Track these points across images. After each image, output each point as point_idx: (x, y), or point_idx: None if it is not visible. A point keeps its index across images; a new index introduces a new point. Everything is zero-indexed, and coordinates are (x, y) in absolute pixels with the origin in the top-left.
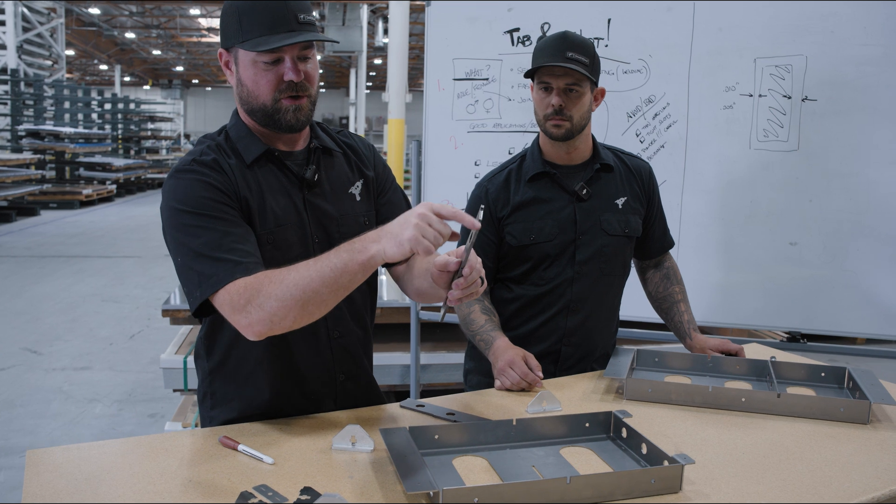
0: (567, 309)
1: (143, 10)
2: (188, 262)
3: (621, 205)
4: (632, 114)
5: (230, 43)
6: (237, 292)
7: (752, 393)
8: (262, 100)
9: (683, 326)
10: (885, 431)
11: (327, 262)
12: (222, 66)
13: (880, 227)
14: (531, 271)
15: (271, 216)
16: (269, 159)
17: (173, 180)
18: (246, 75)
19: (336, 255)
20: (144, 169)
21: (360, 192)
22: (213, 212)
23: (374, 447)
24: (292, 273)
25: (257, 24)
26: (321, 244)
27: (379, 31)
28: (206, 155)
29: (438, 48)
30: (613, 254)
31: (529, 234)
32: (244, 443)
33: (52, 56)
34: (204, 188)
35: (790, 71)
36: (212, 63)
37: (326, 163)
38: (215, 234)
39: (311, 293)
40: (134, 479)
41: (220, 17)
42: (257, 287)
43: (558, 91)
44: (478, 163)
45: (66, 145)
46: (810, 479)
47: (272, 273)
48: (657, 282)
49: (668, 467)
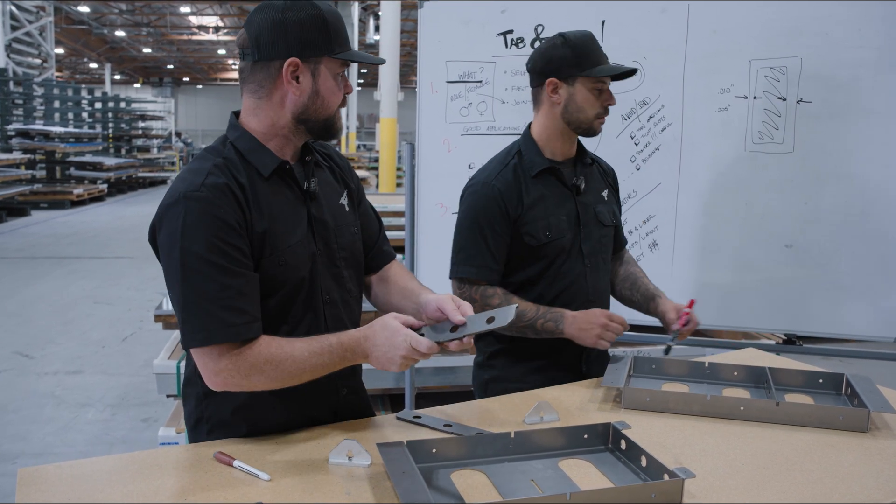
0: (588, 302)
1: (133, 7)
2: (182, 306)
3: (606, 196)
4: (626, 116)
5: (314, 53)
6: (229, 360)
7: (751, 402)
8: (332, 109)
9: (650, 290)
10: (885, 440)
11: (320, 358)
12: (285, 75)
13: (876, 229)
14: (546, 269)
15: (283, 237)
16: (279, 173)
17: (181, 207)
18: (326, 86)
19: (330, 354)
20: (136, 168)
21: (347, 202)
22: (218, 257)
23: (371, 462)
24: (288, 361)
25: (343, 37)
26: (322, 256)
27: (370, 28)
28: (215, 176)
29: (431, 50)
30: (607, 244)
31: (546, 231)
32: (239, 458)
33: (42, 55)
34: (212, 225)
35: (785, 73)
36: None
37: (319, 175)
38: (215, 286)
39: (296, 379)
40: (128, 497)
41: (278, 24)
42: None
43: (608, 91)
44: (472, 166)
45: (56, 145)
46: (811, 491)
47: (269, 350)
48: (618, 269)
49: (669, 482)
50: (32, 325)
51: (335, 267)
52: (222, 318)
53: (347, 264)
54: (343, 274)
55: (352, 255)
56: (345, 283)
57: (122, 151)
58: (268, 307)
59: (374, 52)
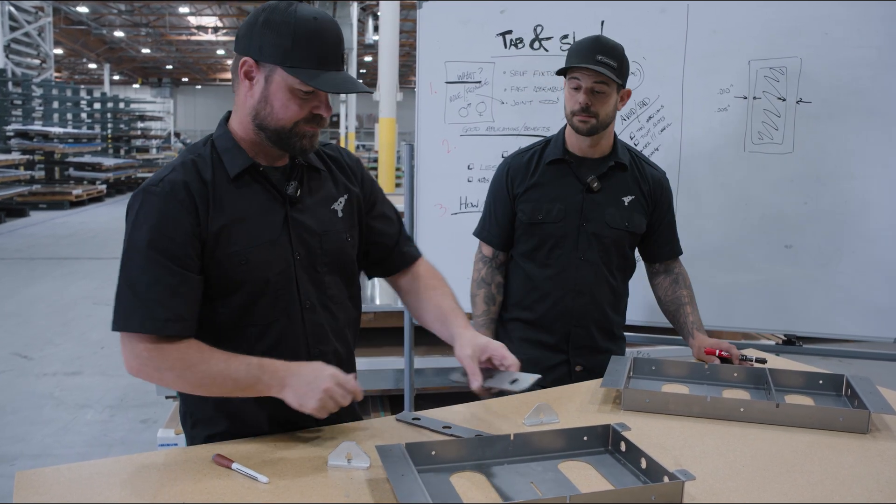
0: (574, 292)
1: (132, 8)
2: (121, 285)
3: (628, 202)
4: (626, 116)
5: (268, 59)
6: (146, 349)
7: (751, 403)
8: (282, 123)
9: (687, 326)
10: (885, 441)
11: (236, 373)
12: (240, 73)
13: (875, 229)
14: (537, 249)
15: (244, 236)
16: (252, 174)
17: (139, 199)
18: (276, 97)
19: (247, 371)
20: (135, 168)
21: (342, 208)
22: (157, 254)
23: (369, 464)
24: (203, 365)
25: (311, 54)
26: (303, 261)
27: (369, 29)
28: (177, 173)
29: (430, 51)
30: (613, 244)
31: (538, 213)
32: (238, 461)
33: (41, 55)
34: (160, 221)
35: (784, 73)
36: (201, 61)
37: (310, 177)
38: (147, 278)
39: (206, 387)
40: (126, 500)
41: (252, 24)
42: (164, 358)
43: (586, 90)
44: (471, 166)
45: (55, 145)
46: (811, 493)
47: (187, 352)
48: (666, 286)
49: (669, 484)
50: (31, 325)
51: (315, 272)
52: (146, 310)
53: (331, 270)
54: (324, 280)
55: (337, 260)
56: (326, 288)
57: (121, 152)
58: (231, 304)
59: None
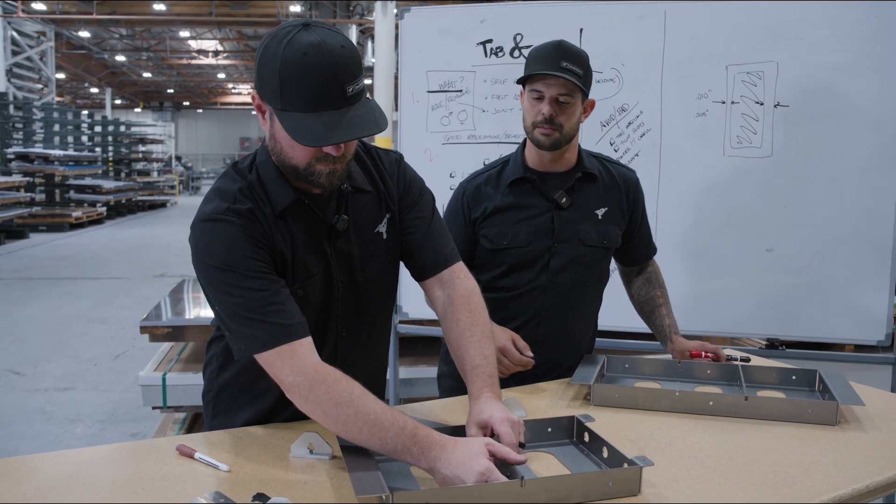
0: (538, 317)
1: (133, 33)
2: (229, 320)
3: (601, 215)
4: (605, 123)
5: (266, 99)
6: (302, 368)
7: (720, 396)
8: (294, 161)
9: (664, 331)
10: (853, 432)
11: (390, 443)
12: (255, 107)
13: (855, 232)
14: (504, 276)
15: (302, 270)
16: (298, 206)
17: (204, 228)
18: (282, 136)
19: (401, 443)
20: (135, 191)
21: (386, 229)
22: (249, 271)
23: (332, 454)
24: (367, 427)
25: (300, 96)
26: (345, 287)
27: (368, 51)
28: (240, 203)
29: (412, 60)
30: (589, 264)
31: (503, 238)
32: (204, 451)
33: (42, 79)
34: (237, 243)
35: (762, 77)
36: (202, 85)
37: (356, 201)
38: (252, 296)
39: (352, 438)
40: (84, 488)
41: (259, 59)
42: (332, 386)
43: (550, 100)
44: (453, 174)
45: (55, 168)
46: (773, 480)
47: (352, 396)
48: (639, 286)
49: (626, 469)
50: (25, 343)
51: (356, 298)
52: (273, 322)
53: (371, 294)
54: (363, 306)
55: (377, 283)
56: (363, 314)
57: (121, 175)
58: None
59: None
